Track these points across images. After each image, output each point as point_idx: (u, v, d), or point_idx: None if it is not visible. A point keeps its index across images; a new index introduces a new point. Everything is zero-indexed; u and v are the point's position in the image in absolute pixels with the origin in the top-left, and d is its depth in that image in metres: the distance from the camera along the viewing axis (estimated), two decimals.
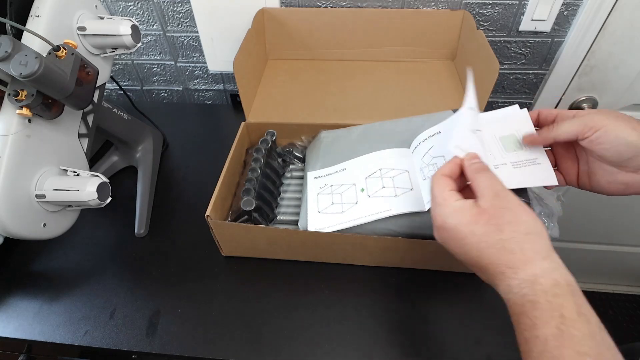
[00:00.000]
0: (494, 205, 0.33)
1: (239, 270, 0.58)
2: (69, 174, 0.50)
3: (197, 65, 0.89)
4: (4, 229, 0.44)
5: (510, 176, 0.42)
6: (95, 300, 0.55)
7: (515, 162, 0.43)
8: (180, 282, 0.57)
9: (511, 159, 0.43)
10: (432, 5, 0.75)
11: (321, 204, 0.53)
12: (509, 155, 0.43)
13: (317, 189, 0.55)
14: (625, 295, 1.38)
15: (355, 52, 0.80)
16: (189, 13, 0.80)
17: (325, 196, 0.53)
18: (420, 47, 0.78)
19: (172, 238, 0.63)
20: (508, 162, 0.43)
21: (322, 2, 0.76)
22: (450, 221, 0.34)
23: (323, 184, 0.55)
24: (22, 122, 0.45)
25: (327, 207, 0.52)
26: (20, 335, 0.52)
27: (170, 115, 0.88)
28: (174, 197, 0.70)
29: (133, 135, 0.71)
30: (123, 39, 0.52)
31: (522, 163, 0.42)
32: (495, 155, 0.43)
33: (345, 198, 0.52)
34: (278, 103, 0.71)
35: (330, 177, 0.55)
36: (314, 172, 0.57)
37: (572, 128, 0.39)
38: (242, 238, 0.55)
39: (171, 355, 0.50)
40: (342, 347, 0.49)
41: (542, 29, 0.75)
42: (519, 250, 0.31)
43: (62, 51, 0.43)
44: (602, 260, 1.28)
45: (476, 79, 0.67)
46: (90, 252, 0.61)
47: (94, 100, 0.55)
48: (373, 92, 0.73)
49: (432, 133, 0.48)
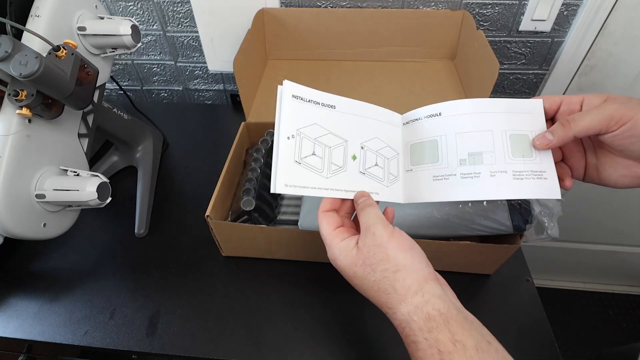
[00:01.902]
0: (366, 243, 0.32)
1: (239, 270, 0.58)
2: (69, 174, 0.50)
3: (197, 65, 0.89)
4: (4, 229, 0.44)
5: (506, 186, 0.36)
6: (95, 300, 0.55)
7: (518, 172, 0.36)
8: (180, 282, 0.57)
9: (515, 167, 0.37)
10: (432, 5, 0.75)
11: (303, 149, 0.37)
12: (514, 161, 0.37)
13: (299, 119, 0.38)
14: (625, 295, 1.38)
15: (355, 52, 0.80)
16: (189, 13, 0.80)
17: (307, 141, 0.38)
18: (420, 47, 0.78)
19: (172, 238, 0.63)
20: (509, 170, 0.36)
21: (322, 2, 0.76)
22: (339, 263, 0.34)
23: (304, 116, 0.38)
24: (22, 122, 0.45)
25: (307, 156, 0.38)
26: (20, 335, 0.52)
27: (170, 115, 0.88)
28: (174, 197, 0.70)
29: (133, 135, 0.71)
30: (123, 39, 0.52)
31: (525, 174, 0.36)
32: (497, 158, 0.37)
33: (333, 157, 0.39)
34: None
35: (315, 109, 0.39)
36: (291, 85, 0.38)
37: (594, 122, 0.33)
38: (242, 238, 0.55)
39: (171, 355, 0.50)
40: (342, 347, 0.49)
41: (542, 29, 0.75)
42: (392, 290, 0.31)
43: (62, 51, 0.43)
44: (602, 260, 1.28)
45: (476, 79, 0.67)
46: (90, 252, 0.61)
47: (94, 100, 0.55)
48: (373, 92, 0.73)
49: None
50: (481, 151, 0.37)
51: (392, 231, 0.33)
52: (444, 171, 0.38)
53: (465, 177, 0.37)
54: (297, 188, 0.36)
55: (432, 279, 0.31)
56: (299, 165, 0.37)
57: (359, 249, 0.33)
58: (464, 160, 0.37)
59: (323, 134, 0.39)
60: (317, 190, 0.37)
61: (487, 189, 0.36)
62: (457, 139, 0.38)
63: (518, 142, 0.37)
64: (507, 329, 0.51)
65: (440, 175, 0.38)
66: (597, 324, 1.31)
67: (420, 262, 0.32)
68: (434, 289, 0.30)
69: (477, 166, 0.37)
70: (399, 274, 0.31)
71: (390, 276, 0.31)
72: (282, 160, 0.36)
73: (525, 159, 0.37)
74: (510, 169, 0.36)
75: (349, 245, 0.34)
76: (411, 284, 0.30)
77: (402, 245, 0.32)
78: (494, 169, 0.37)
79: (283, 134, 0.37)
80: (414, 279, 0.31)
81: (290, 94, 0.38)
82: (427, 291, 0.30)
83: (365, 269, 0.32)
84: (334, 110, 0.40)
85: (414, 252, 0.33)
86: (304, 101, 0.38)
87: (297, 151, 0.37)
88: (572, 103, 0.36)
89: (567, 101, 0.36)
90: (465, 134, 0.38)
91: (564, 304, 1.37)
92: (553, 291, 1.39)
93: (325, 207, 0.37)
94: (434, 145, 0.39)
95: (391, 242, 0.32)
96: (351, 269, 0.33)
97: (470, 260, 0.54)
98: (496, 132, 0.37)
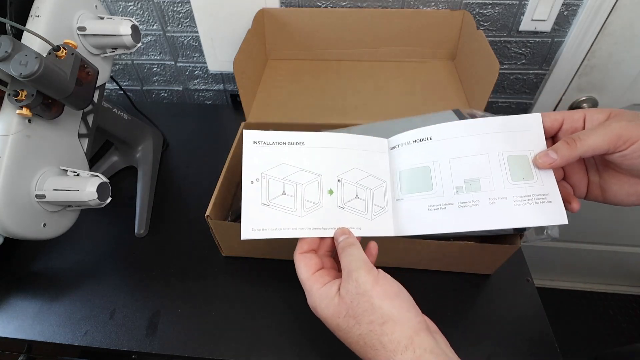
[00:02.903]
0: (349, 291, 0.30)
1: (239, 270, 0.58)
2: (69, 174, 0.50)
3: (197, 65, 0.89)
4: (4, 229, 0.44)
5: (508, 214, 0.34)
6: (95, 300, 0.55)
7: (519, 197, 0.34)
8: (180, 282, 0.57)
9: (515, 192, 0.34)
10: (432, 5, 0.75)
11: (271, 191, 0.36)
12: (514, 186, 0.34)
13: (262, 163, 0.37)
14: (625, 295, 1.38)
15: (355, 52, 0.80)
16: (189, 13, 0.80)
17: (274, 181, 0.37)
18: (420, 47, 0.78)
19: (172, 238, 0.63)
20: (510, 196, 0.34)
21: (322, 2, 0.76)
22: (320, 313, 0.32)
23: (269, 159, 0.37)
24: (22, 122, 0.45)
25: (276, 196, 0.37)
26: (20, 336, 0.52)
27: (170, 115, 0.88)
28: (174, 197, 0.70)
29: (133, 135, 0.71)
30: (123, 39, 0.52)
31: (528, 199, 0.34)
32: (495, 185, 0.34)
33: (307, 194, 0.37)
34: (278, 103, 0.71)
35: (281, 149, 0.38)
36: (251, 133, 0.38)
37: (601, 142, 0.31)
38: None
39: (171, 355, 0.50)
40: (342, 347, 0.49)
41: (542, 29, 0.75)
42: (380, 346, 0.28)
43: (62, 51, 0.43)
44: (602, 260, 1.28)
45: (476, 79, 0.67)
46: (90, 252, 0.61)
47: (94, 100, 0.55)
48: (373, 92, 0.73)
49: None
50: (478, 177, 0.35)
51: (377, 276, 0.31)
52: (440, 200, 0.36)
53: (463, 206, 0.35)
54: (267, 231, 0.35)
55: (423, 329, 0.29)
56: (267, 207, 0.36)
57: (341, 297, 0.30)
58: (460, 187, 0.35)
59: (293, 172, 0.38)
60: (291, 231, 0.36)
61: (487, 218, 0.34)
62: (452, 165, 0.36)
63: (517, 163, 0.35)
64: (507, 329, 0.51)
65: (437, 205, 0.36)
66: (597, 324, 1.31)
67: (408, 311, 0.30)
68: (425, 341, 0.28)
69: (475, 193, 0.35)
70: (386, 327, 0.28)
71: (376, 329, 0.29)
72: (247, 205, 0.35)
73: (526, 182, 0.34)
74: (510, 195, 0.34)
75: (330, 293, 0.31)
76: (400, 337, 0.28)
77: (388, 293, 0.30)
78: (493, 196, 0.34)
79: (246, 179, 0.36)
80: (403, 332, 0.28)
81: (250, 141, 0.37)
82: (418, 345, 0.28)
83: (349, 321, 0.30)
84: (303, 147, 0.38)
85: (401, 300, 0.30)
86: (267, 144, 0.38)
87: (264, 193, 0.36)
88: (575, 120, 0.34)
89: (569, 118, 0.34)
90: (460, 159, 0.36)
91: (564, 304, 1.37)
92: (553, 291, 1.39)
93: (302, 248, 0.35)
94: (426, 171, 0.37)
95: (376, 289, 0.30)
96: (334, 321, 0.31)
97: (470, 260, 0.54)
98: (492, 154, 0.35)
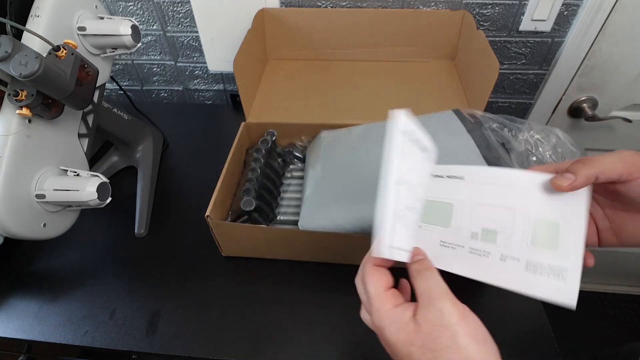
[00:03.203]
0: (428, 319, 0.27)
1: (239, 270, 0.58)
2: (69, 174, 0.50)
3: (197, 65, 0.89)
4: (4, 229, 0.44)
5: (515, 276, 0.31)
6: (95, 300, 0.55)
7: (533, 263, 0.31)
8: (180, 282, 0.57)
9: (531, 256, 0.31)
10: (432, 5, 0.75)
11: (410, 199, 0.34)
12: (531, 250, 0.31)
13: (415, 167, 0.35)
14: (625, 295, 1.38)
15: (356, 52, 0.80)
16: (189, 13, 0.80)
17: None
18: (420, 47, 0.78)
19: (172, 238, 0.63)
20: (523, 258, 0.31)
21: (322, 2, 0.76)
22: (388, 336, 0.28)
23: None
24: (22, 122, 0.45)
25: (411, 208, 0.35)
26: (20, 335, 0.52)
27: (170, 115, 0.88)
28: (174, 197, 0.70)
29: (133, 135, 0.71)
30: (123, 39, 0.52)
31: (541, 269, 0.30)
32: (512, 242, 0.32)
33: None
34: (278, 103, 0.71)
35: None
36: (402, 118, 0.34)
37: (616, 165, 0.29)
38: (242, 238, 0.55)
39: (171, 355, 0.50)
40: (343, 347, 0.49)
41: (542, 29, 0.75)
42: None
43: (62, 51, 0.43)
44: (603, 260, 1.28)
45: (476, 79, 0.67)
46: (90, 252, 0.61)
47: (94, 100, 0.55)
48: (373, 92, 0.73)
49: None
50: (495, 229, 0.33)
51: (463, 312, 0.27)
52: (453, 239, 0.34)
53: (473, 253, 0.33)
54: (402, 252, 0.32)
55: None
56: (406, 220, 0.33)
57: (417, 324, 0.27)
58: (476, 234, 0.33)
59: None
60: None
61: (494, 272, 0.32)
62: (474, 210, 0.34)
63: (543, 229, 0.31)
64: (507, 329, 0.51)
65: (449, 243, 0.35)
66: (597, 324, 1.31)
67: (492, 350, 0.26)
68: None
69: (489, 245, 0.33)
70: None
71: None
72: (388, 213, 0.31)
73: (546, 252, 0.31)
74: (524, 258, 0.31)
75: (404, 317, 0.27)
76: None
77: (476, 335, 0.26)
78: (505, 253, 0.32)
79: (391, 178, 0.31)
80: None
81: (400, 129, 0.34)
82: None
83: (425, 353, 0.26)
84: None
85: (489, 347, 0.26)
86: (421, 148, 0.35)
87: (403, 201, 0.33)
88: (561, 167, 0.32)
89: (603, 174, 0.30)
90: (484, 207, 0.34)
91: None
92: None
93: (377, 260, 0.31)
94: (448, 209, 0.36)
95: (462, 326, 0.26)
96: (405, 348, 0.27)
97: None
98: (519, 212, 0.32)
